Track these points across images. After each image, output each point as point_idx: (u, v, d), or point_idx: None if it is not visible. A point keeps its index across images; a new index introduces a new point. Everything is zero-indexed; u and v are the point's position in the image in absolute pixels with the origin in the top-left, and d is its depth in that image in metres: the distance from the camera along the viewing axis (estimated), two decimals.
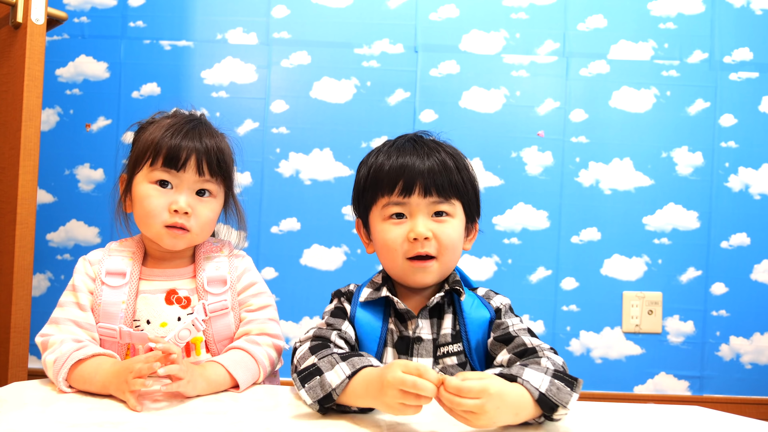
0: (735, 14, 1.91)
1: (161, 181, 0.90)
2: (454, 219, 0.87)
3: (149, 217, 0.90)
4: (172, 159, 0.89)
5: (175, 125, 0.91)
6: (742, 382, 1.88)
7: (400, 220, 0.86)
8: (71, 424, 0.67)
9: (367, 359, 0.74)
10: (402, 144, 0.90)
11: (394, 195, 0.86)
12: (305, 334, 0.84)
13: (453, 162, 0.88)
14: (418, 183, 0.84)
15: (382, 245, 0.88)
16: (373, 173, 0.89)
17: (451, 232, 0.86)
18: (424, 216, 0.85)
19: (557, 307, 1.89)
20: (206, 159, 0.91)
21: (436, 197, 0.85)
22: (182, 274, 0.95)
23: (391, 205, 0.86)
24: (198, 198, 0.92)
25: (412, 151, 0.87)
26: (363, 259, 1.88)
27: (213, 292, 0.93)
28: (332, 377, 0.71)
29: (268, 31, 1.91)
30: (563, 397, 0.67)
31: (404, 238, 0.85)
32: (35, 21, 1.32)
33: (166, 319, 0.91)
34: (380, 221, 0.88)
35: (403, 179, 0.85)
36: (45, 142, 1.83)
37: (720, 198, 1.90)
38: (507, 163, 1.90)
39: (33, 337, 0.99)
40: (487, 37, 1.91)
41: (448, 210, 0.86)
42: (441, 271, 0.87)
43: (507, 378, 0.68)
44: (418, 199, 0.85)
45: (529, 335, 0.83)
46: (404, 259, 0.86)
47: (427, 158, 0.86)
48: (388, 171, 0.86)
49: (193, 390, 0.78)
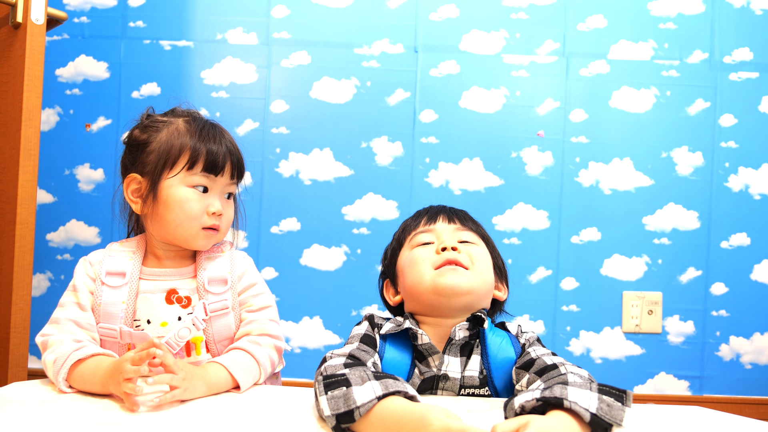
0: (735, 14, 1.91)
1: (202, 187, 0.92)
2: (480, 248, 0.90)
3: (190, 220, 0.91)
4: (212, 164, 0.92)
5: (200, 129, 0.93)
6: (742, 382, 1.88)
7: (427, 246, 0.90)
8: (71, 424, 0.67)
9: (402, 384, 0.66)
10: (432, 211, 0.97)
11: (420, 226, 0.93)
12: (340, 348, 0.80)
13: (478, 233, 0.95)
14: (442, 215, 0.93)
15: (409, 263, 0.89)
16: (405, 228, 0.97)
17: (479, 251, 0.89)
18: (450, 236, 0.90)
19: (557, 307, 1.89)
20: (237, 163, 0.96)
21: (460, 225, 0.92)
22: (183, 274, 0.95)
23: (419, 233, 0.92)
24: (225, 200, 0.96)
25: (438, 215, 0.95)
26: (363, 259, 1.88)
27: (213, 291, 0.93)
28: (360, 394, 0.63)
29: (268, 31, 1.91)
30: (616, 414, 0.62)
31: (433, 251, 0.88)
32: (35, 21, 1.32)
33: (167, 318, 0.91)
34: (408, 250, 0.92)
35: (428, 214, 0.94)
36: (45, 142, 1.83)
37: (720, 198, 1.90)
38: (507, 163, 1.90)
39: (33, 337, 0.99)
40: (487, 37, 1.91)
41: (472, 240, 0.91)
42: (473, 281, 0.84)
43: (552, 402, 0.62)
44: (443, 225, 0.92)
45: (551, 356, 0.78)
46: (433, 270, 0.85)
47: (449, 208, 0.98)
48: (416, 218, 0.96)
49: (190, 395, 0.78)
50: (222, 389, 0.83)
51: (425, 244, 0.90)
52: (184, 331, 0.88)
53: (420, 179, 1.89)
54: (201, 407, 0.75)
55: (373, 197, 1.89)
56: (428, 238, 0.90)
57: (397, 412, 0.61)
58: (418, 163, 1.90)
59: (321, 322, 1.88)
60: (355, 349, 0.79)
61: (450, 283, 0.83)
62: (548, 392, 0.64)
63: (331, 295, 1.88)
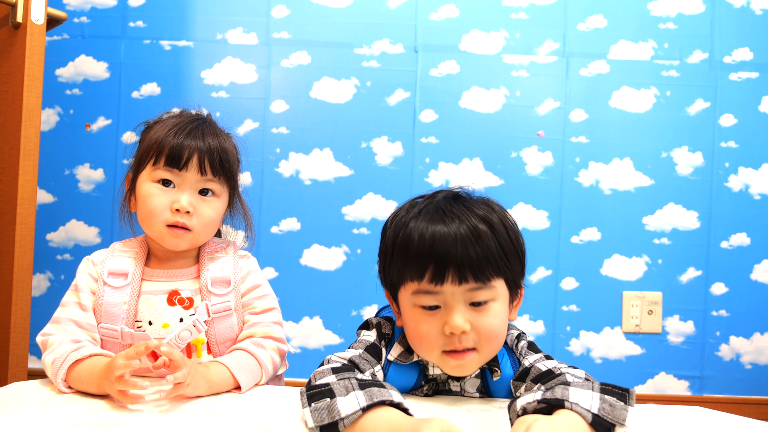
0: (735, 14, 1.91)
1: (164, 180, 0.90)
2: (495, 303, 0.75)
3: (151, 215, 0.90)
4: (174, 158, 0.89)
5: (179, 124, 0.92)
6: (742, 382, 1.88)
7: (433, 311, 0.74)
8: (71, 424, 0.67)
9: (388, 392, 0.64)
10: (432, 210, 0.76)
11: (424, 282, 0.73)
12: (342, 352, 0.79)
13: (490, 230, 0.74)
14: (451, 270, 0.71)
15: (414, 335, 0.77)
16: (400, 243, 0.76)
17: (493, 320, 0.74)
18: (461, 305, 0.73)
19: (557, 307, 1.89)
20: (209, 158, 0.90)
21: (473, 283, 0.72)
22: (185, 275, 0.94)
23: (422, 294, 0.74)
24: (201, 197, 0.92)
25: (440, 220, 0.74)
26: (363, 259, 1.88)
27: (217, 292, 0.92)
28: (344, 405, 0.62)
29: (268, 31, 1.91)
30: (619, 414, 0.60)
31: (439, 331, 0.74)
32: (35, 21, 1.32)
33: (168, 320, 0.91)
34: (410, 307, 0.76)
35: (434, 264, 0.72)
36: (45, 142, 1.83)
37: (720, 198, 1.90)
38: (507, 163, 1.90)
39: (33, 337, 0.99)
40: (487, 37, 1.91)
41: (487, 297, 0.74)
42: (482, 360, 0.77)
43: (552, 404, 0.61)
44: (453, 288, 0.72)
45: (545, 360, 0.77)
46: (440, 351, 0.75)
47: (460, 231, 0.72)
48: (417, 248, 0.73)
49: (193, 392, 0.78)
50: (223, 389, 0.83)
51: (431, 308, 0.74)
52: (185, 333, 0.88)
53: (420, 179, 1.89)
54: (201, 407, 0.75)
55: (373, 197, 1.89)
56: (434, 302, 0.74)
57: (388, 423, 0.60)
58: (418, 163, 1.90)
59: (321, 322, 1.88)
60: (357, 356, 0.78)
61: (456, 374, 0.80)
62: (549, 394, 0.63)
63: (331, 295, 1.88)
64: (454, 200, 0.78)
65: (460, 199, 0.79)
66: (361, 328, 0.89)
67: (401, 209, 0.81)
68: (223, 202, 0.96)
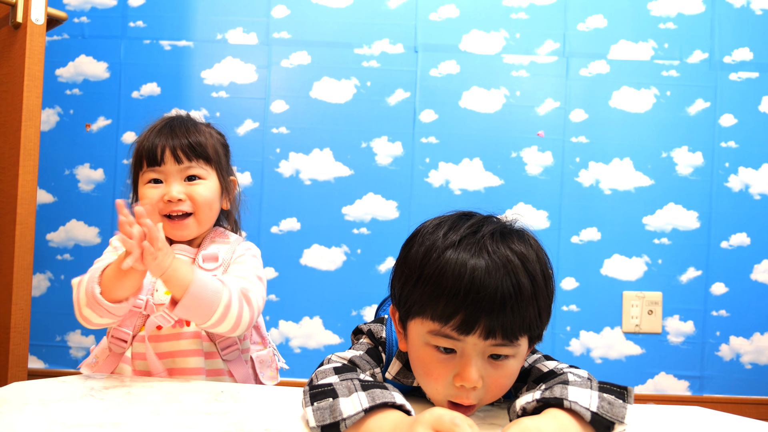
0: (735, 14, 1.91)
1: (153, 180, 0.98)
2: (514, 359, 0.68)
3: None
4: (151, 157, 0.97)
5: (152, 129, 1.00)
6: (742, 382, 1.88)
7: (447, 354, 0.67)
8: (71, 424, 0.67)
9: (390, 394, 0.63)
10: (475, 247, 0.65)
11: (447, 327, 0.64)
12: (343, 352, 0.77)
13: (532, 287, 0.65)
14: (483, 324, 0.63)
15: (422, 375, 0.70)
16: (431, 275, 0.65)
17: (505, 379, 0.69)
18: (478, 358, 0.66)
19: (557, 307, 1.88)
20: (180, 148, 0.97)
21: (500, 340, 0.65)
22: (187, 251, 1.00)
23: (441, 337, 0.66)
24: (189, 183, 0.98)
25: (482, 263, 0.63)
26: (363, 259, 1.88)
27: (206, 267, 0.97)
28: (346, 405, 0.61)
29: (268, 31, 1.91)
30: (618, 411, 0.61)
31: (449, 380, 0.67)
32: (35, 21, 1.32)
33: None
34: (422, 344, 0.68)
35: (464, 313, 0.63)
36: (45, 142, 1.83)
37: (720, 198, 1.90)
38: (507, 163, 1.90)
39: (33, 338, 0.99)
40: (487, 37, 1.91)
41: (509, 353, 0.67)
42: (484, 404, 0.72)
43: (551, 403, 0.61)
44: (476, 340, 0.64)
45: (545, 360, 0.76)
46: (445, 400, 0.69)
47: (503, 286, 0.63)
48: (451, 289, 0.63)
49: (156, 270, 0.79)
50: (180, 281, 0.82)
51: (446, 351, 0.67)
52: (159, 319, 0.93)
53: (420, 179, 1.89)
54: (201, 407, 0.75)
55: (373, 197, 1.89)
56: (451, 346, 0.66)
57: (390, 423, 0.60)
58: (418, 163, 1.90)
59: (321, 322, 1.88)
60: (358, 357, 0.77)
61: None
62: (548, 393, 0.63)
63: (331, 295, 1.88)
64: (502, 239, 0.67)
65: (506, 239, 0.67)
66: (355, 333, 0.88)
67: (433, 226, 0.70)
68: (214, 182, 1.01)
